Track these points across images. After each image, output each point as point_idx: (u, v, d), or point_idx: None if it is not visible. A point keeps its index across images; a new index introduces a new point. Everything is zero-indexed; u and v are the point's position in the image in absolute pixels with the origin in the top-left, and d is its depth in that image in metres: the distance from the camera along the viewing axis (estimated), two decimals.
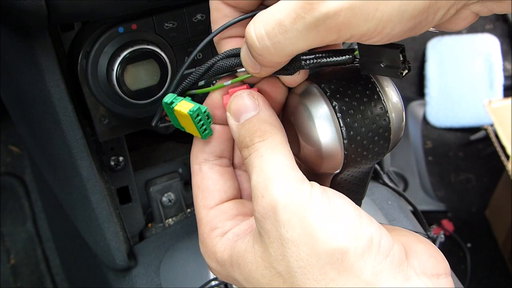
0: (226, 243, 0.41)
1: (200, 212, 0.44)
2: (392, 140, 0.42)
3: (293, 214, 0.35)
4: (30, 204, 1.36)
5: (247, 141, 0.40)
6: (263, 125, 0.40)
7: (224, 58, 0.43)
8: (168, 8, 0.60)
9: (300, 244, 0.35)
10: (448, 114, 1.94)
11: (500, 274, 1.62)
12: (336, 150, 0.40)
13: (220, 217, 0.43)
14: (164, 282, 0.72)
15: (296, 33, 0.34)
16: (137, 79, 0.59)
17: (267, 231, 0.36)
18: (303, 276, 0.35)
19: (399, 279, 0.35)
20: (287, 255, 0.35)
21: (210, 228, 0.43)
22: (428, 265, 0.37)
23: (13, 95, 0.72)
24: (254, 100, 0.41)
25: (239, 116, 0.41)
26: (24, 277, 1.31)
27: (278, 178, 0.37)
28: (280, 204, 0.36)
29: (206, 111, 0.42)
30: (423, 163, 1.85)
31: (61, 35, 0.60)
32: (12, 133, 1.42)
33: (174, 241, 0.77)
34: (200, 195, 0.44)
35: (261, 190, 0.37)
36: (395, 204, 0.83)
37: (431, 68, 1.99)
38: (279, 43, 0.35)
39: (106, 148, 0.72)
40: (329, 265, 0.35)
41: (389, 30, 0.33)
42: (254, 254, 0.38)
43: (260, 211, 0.37)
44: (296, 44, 0.35)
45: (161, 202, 0.82)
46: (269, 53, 0.36)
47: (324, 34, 0.34)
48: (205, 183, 0.44)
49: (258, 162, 0.38)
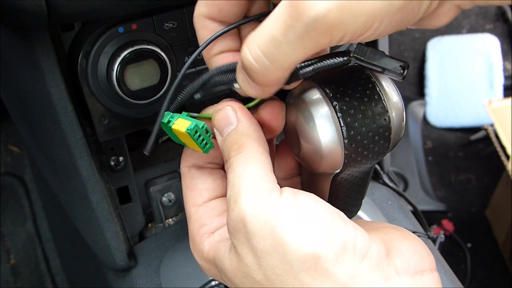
0: (212, 243, 0.42)
1: (189, 210, 0.45)
2: (393, 140, 0.42)
3: (263, 225, 0.35)
4: (30, 204, 1.36)
5: (226, 156, 0.40)
6: (240, 138, 0.40)
7: (219, 74, 0.43)
8: (168, 8, 0.60)
9: (272, 253, 0.35)
10: (448, 114, 1.94)
11: (500, 274, 1.62)
12: (336, 150, 0.40)
13: (208, 213, 0.44)
14: (164, 282, 0.72)
15: (290, 44, 0.34)
16: (137, 79, 0.59)
17: (240, 243, 0.37)
18: (281, 283, 0.35)
19: (378, 280, 0.35)
20: (263, 265, 0.36)
21: (199, 225, 0.43)
22: (411, 262, 0.37)
23: (13, 95, 0.72)
24: (233, 113, 0.41)
25: (222, 131, 0.41)
26: (24, 277, 1.31)
27: (246, 191, 0.37)
28: (248, 216, 0.36)
29: (204, 126, 0.43)
30: (423, 163, 1.85)
31: (61, 35, 0.60)
32: (12, 133, 1.42)
33: (174, 241, 0.77)
34: (189, 194, 0.45)
35: (231, 204, 0.37)
36: (395, 204, 0.83)
37: (431, 68, 1.99)
38: (276, 59, 0.35)
39: (106, 148, 0.72)
40: (303, 271, 0.35)
41: (377, 25, 0.33)
42: (231, 263, 0.38)
43: (231, 224, 0.37)
44: (293, 55, 0.35)
45: (161, 202, 0.82)
46: (269, 72, 0.36)
47: (317, 38, 0.33)
48: (194, 182, 0.45)
49: (231, 177, 0.39)
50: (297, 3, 0.32)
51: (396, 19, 0.34)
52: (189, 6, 0.60)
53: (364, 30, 0.34)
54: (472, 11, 2.10)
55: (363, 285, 0.34)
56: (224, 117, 0.41)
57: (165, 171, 0.84)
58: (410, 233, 0.40)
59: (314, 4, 0.32)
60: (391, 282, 0.35)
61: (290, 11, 0.33)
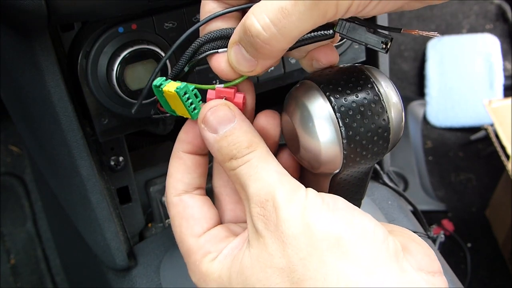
0: (224, 260, 0.41)
1: (186, 241, 0.43)
2: (392, 140, 0.42)
3: (294, 212, 0.37)
4: (30, 204, 1.36)
5: (235, 153, 0.40)
6: (246, 135, 0.40)
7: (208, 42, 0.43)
8: (168, 8, 0.60)
9: (299, 237, 0.36)
10: (448, 114, 1.94)
11: (500, 274, 1.62)
12: (335, 150, 0.40)
13: (211, 241, 0.42)
14: (164, 282, 0.72)
15: (299, 15, 0.35)
16: (137, 79, 0.59)
17: (270, 232, 0.37)
18: (303, 268, 0.36)
19: (396, 269, 0.36)
20: (288, 250, 0.36)
21: (203, 254, 0.42)
22: (423, 263, 0.38)
23: (13, 95, 0.72)
24: (231, 111, 0.41)
25: (216, 128, 0.41)
26: (24, 277, 1.31)
27: (279, 184, 0.38)
28: (282, 204, 0.37)
29: (194, 90, 0.42)
30: (423, 163, 1.85)
31: (61, 35, 0.60)
32: (12, 133, 1.42)
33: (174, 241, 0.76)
34: (185, 224, 0.43)
35: (264, 195, 0.38)
36: (395, 204, 0.83)
37: (431, 68, 1.99)
38: (285, 28, 0.35)
39: (106, 148, 0.72)
40: (327, 252, 0.35)
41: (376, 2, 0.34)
42: (251, 257, 0.38)
43: (265, 214, 0.38)
44: (301, 25, 0.35)
45: (161, 202, 0.82)
46: (276, 40, 0.36)
47: (325, 9, 0.34)
48: (189, 211, 0.44)
49: (255, 172, 0.39)
50: None
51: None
52: (189, 6, 0.60)
53: (366, 5, 0.34)
54: (472, 11, 2.10)
55: (381, 270, 0.35)
56: (222, 113, 0.41)
57: (165, 171, 0.83)
58: (418, 236, 0.41)
59: None
60: (407, 274, 0.36)
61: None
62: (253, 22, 0.36)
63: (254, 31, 0.37)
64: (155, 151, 0.86)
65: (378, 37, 0.38)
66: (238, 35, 0.39)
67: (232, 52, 0.40)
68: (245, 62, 0.40)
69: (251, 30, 0.37)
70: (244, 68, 0.40)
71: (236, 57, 0.40)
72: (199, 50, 0.43)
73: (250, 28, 0.37)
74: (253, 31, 0.37)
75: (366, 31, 0.38)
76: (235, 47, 0.40)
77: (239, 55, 0.39)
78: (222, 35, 0.42)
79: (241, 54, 0.39)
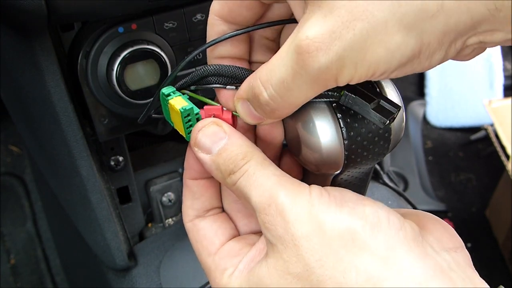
0: (240, 275, 0.41)
1: (206, 262, 0.44)
2: (392, 141, 0.42)
3: (300, 212, 0.36)
4: (30, 204, 1.36)
5: (232, 167, 0.40)
6: (240, 148, 0.40)
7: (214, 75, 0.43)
8: (168, 8, 0.60)
9: (311, 237, 0.35)
10: (448, 114, 1.94)
11: (500, 274, 1.62)
12: (336, 151, 0.40)
13: (226, 258, 0.43)
14: (164, 282, 0.72)
15: (299, 88, 0.35)
16: (137, 79, 0.59)
17: (279, 237, 0.37)
18: (321, 269, 0.35)
19: (417, 255, 0.35)
20: (302, 253, 0.36)
21: (221, 272, 0.42)
22: (443, 240, 0.37)
23: (13, 95, 0.72)
24: (220, 128, 0.41)
25: (210, 149, 0.41)
26: (24, 277, 1.31)
27: (278, 186, 0.38)
28: (287, 207, 0.37)
29: (197, 114, 0.43)
30: (423, 163, 1.85)
31: (61, 35, 0.60)
32: (12, 133, 1.42)
33: (174, 241, 0.77)
34: (200, 247, 0.44)
35: (265, 201, 0.38)
36: (395, 204, 0.83)
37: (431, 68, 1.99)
38: (289, 99, 0.37)
39: (106, 148, 0.72)
40: (342, 249, 0.35)
41: (380, 73, 0.34)
42: (268, 267, 0.38)
43: (270, 220, 0.37)
44: (303, 96, 0.36)
45: (161, 202, 0.82)
46: (283, 108, 0.38)
47: (324, 84, 0.35)
48: (202, 233, 0.45)
49: (253, 180, 0.39)
50: (302, 54, 0.33)
51: (401, 70, 0.34)
52: (189, 6, 0.60)
53: (369, 75, 0.34)
54: None
55: (402, 257, 0.34)
56: (211, 133, 0.41)
57: (165, 171, 0.84)
58: (433, 215, 0.40)
59: (317, 56, 0.33)
60: (430, 258, 0.35)
61: (297, 59, 0.34)
62: (261, 91, 0.37)
63: (263, 101, 0.37)
64: (155, 151, 0.86)
65: (381, 117, 0.38)
66: (246, 94, 0.39)
67: (240, 106, 0.41)
68: (252, 117, 0.40)
69: (259, 100, 0.38)
70: (252, 122, 0.41)
71: (244, 111, 0.40)
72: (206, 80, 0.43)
73: (259, 97, 0.38)
74: (262, 100, 0.38)
75: (370, 108, 0.38)
76: (243, 102, 0.40)
77: (247, 110, 0.40)
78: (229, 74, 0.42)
79: (249, 110, 0.40)
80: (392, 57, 0.33)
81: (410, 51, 0.32)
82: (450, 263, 0.36)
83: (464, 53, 0.36)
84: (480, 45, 0.34)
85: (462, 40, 0.33)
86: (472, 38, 0.33)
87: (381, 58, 0.33)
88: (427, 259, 0.35)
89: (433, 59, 0.34)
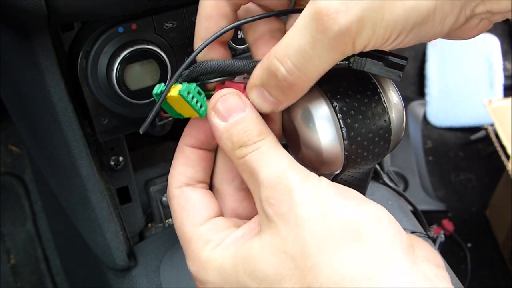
0: (226, 249, 0.40)
1: (187, 231, 0.42)
2: (393, 141, 0.42)
3: (308, 195, 0.37)
4: (30, 204, 1.36)
5: (245, 140, 0.40)
6: (256, 125, 0.40)
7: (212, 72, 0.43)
8: (168, 8, 0.60)
9: (315, 220, 0.36)
10: (448, 114, 1.94)
11: (500, 274, 1.62)
12: (336, 151, 0.40)
13: (212, 230, 0.42)
14: (164, 282, 0.72)
15: (319, 56, 0.36)
16: (137, 79, 0.59)
17: (282, 215, 0.37)
18: (318, 253, 0.35)
19: (409, 261, 0.36)
20: (302, 234, 0.36)
21: (203, 243, 0.41)
22: (429, 257, 0.38)
23: (13, 95, 0.72)
24: (242, 101, 0.41)
25: (228, 116, 0.40)
26: (24, 277, 1.31)
27: (290, 168, 0.38)
28: (297, 187, 0.37)
29: (196, 88, 0.42)
30: (423, 163, 1.85)
31: (61, 35, 0.59)
32: (12, 133, 1.42)
33: (174, 241, 0.77)
34: (185, 215, 0.43)
35: (275, 178, 0.38)
36: (395, 204, 0.83)
37: (431, 68, 1.99)
38: (308, 70, 0.37)
39: (106, 148, 0.72)
40: (344, 237, 0.35)
41: (395, 37, 0.35)
42: (261, 243, 0.37)
43: (276, 196, 0.37)
44: (321, 65, 0.36)
45: (161, 202, 0.82)
46: (302, 82, 0.38)
47: (343, 49, 0.35)
48: (190, 202, 0.43)
49: (266, 157, 0.39)
50: (322, 18, 0.34)
51: (416, 33, 0.35)
52: (189, 6, 0.60)
53: (384, 41, 0.35)
54: None
55: (397, 260, 0.35)
56: (233, 102, 0.41)
57: (165, 171, 0.84)
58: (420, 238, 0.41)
59: (337, 18, 0.34)
60: (419, 266, 0.36)
61: (316, 25, 0.34)
62: (278, 67, 0.37)
63: (281, 76, 0.37)
64: (155, 151, 0.86)
65: (396, 70, 0.39)
66: (260, 79, 0.39)
67: (255, 95, 0.40)
68: (268, 104, 0.40)
69: (277, 75, 0.37)
70: (267, 108, 0.40)
71: (258, 98, 0.40)
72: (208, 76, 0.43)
73: (276, 73, 0.37)
74: (280, 75, 0.37)
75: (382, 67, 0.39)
76: (256, 90, 0.40)
77: (262, 98, 0.40)
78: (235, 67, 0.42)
79: (264, 96, 0.40)
80: (409, 16, 0.34)
81: (426, 11, 0.34)
82: (436, 274, 0.37)
83: (472, 24, 0.37)
84: (487, 15, 0.36)
85: (471, 8, 0.35)
86: (480, 7, 0.35)
87: (398, 17, 0.34)
88: (419, 267, 0.36)
89: (445, 23, 0.35)
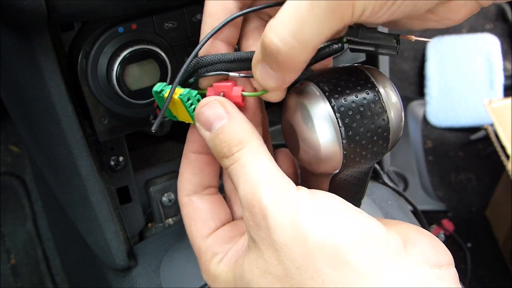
0: (229, 263, 0.41)
1: (197, 243, 0.44)
2: (391, 140, 0.42)
3: (283, 217, 0.36)
4: (30, 204, 1.36)
5: (225, 151, 0.40)
6: (236, 133, 0.40)
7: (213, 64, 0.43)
8: (168, 8, 0.60)
9: (292, 245, 0.35)
10: (448, 114, 1.94)
11: (500, 274, 1.62)
12: (335, 150, 0.40)
13: (218, 242, 0.43)
14: (164, 282, 0.72)
15: (316, 20, 0.34)
16: (137, 79, 0.59)
17: (261, 238, 0.37)
18: (300, 277, 0.35)
19: (398, 268, 0.35)
20: (282, 259, 0.36)
21: (211, 255, 0.43)
22: (427, 254, 0.37)
23: (13, 95, 0.72)
24: (221, 108, 0.41)
25: (210, 126, 0.40)
26: (24, 277, 1.31)
27: (265, 185, 0.37)
28: (270, 210, 0.36)
29: (196, 95, 0.42)
30: (423, 163, 1.85)
31: (61, 35, 0.60)
32: (12, 133, 1.42)
33: (174, 241, 0.77)
34: (194, 226, 0.44)
35: (249, 199, 0.37)
36: (395, 204, 0.83)
37: (431, 68, 1.99)
38: (304, 38, 0.35)
39: (106, 148, 0.72)
40: (322, 261, 0.35)
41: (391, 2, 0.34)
42: (250, 263, 0.38)
43: (254, 220, 0.37)
44: (320, 33, 0.35)
45: (161, 202, 0.82)
46: (298, 53, 0.36)
47: (341, 13, 0.34)
48: (198, 213, 0.45)
49: (242, 172, 0.38)
50: None
51: None
52: (189, 6, 0.60)
53: (381, 7, 0.34)
54: None
55: (384, 273, 0.34)
56: (212, 111, 0.41)
57: (165, 171, 0.84)
58: (423, 229, 0.40)
59: None
60: (412, 272, 0.35)
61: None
62: (271, 39, 0.36)
63: (274, 48, 0.36)
64: (155, 151, 0.86)
65: (389, 35, 0.38)
66: (261, 53, 0.38)
67: (258, 71, 0.39)
68: (271, 79, 0.39)
69: (271, 48, 0.36)
70: (271, 85, 0.39)
71: (262, 75, 0.39)
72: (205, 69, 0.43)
73: (269, 46, 0.36)
74: (273, 48, 0.36)
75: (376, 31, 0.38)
76: (259, 65, 0.39)
77: (264, 73, 0.39)
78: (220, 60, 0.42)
79: (266, 72, 0.39)
80: None
81: None
82: (432, 277, 0.36)
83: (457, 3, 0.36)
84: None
85: None
86: None
87: None
88: (410, 273, 0.35)
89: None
